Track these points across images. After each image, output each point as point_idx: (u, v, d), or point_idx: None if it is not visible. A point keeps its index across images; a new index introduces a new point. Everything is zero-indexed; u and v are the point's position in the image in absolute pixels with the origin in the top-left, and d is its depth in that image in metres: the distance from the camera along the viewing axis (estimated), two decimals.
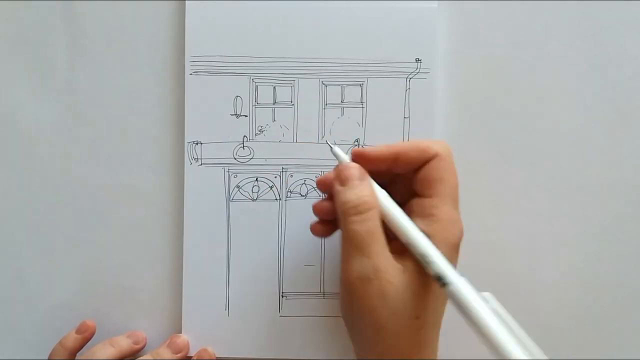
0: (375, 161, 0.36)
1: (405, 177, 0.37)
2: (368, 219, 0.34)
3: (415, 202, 0.36)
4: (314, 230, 0.38)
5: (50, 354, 0.42)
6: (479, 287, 0.43)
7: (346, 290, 0.34)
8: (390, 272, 0.33)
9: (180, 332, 0.43)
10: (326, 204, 0.37)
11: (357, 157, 0.36)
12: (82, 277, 0.44)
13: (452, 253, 0.35)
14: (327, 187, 0.37)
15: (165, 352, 0.42)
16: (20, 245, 0.44)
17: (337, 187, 0.35)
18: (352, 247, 0.34)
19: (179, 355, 0.42)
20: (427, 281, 0.33)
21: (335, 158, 0.37)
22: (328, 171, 0.40)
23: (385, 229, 0.34)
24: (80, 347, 0.42)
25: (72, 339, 0.42)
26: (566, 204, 0.43)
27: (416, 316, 0.33)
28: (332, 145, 0.37)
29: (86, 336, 0.43)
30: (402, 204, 0.36)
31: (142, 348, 0.43)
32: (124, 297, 0.44)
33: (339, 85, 0.43)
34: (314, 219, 0.40)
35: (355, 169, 0.35)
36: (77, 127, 0.44)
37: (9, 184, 0.44)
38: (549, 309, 0.43)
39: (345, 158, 0.37)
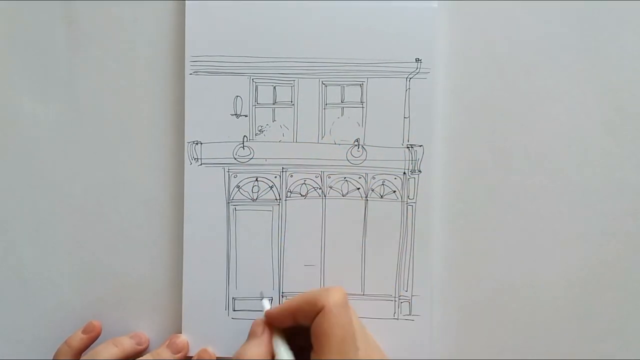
0: (277, 321, 0.39)
1: None
2: None
3: (311, 355, 0.37)
4: None
5: (56, 354, 0.42)
6: (479, 287, 0.44)
7: None
8: None
9: (180, 332, 0.43)
10: None
11: (267, 318, 0.39)
12: (82, 277, 0.44)
13: None
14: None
15: (165, 352, 0.42)
16: (20, 245, 0.44)
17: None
18: None
19: (178, 355, 0.42)
20: None
21: None
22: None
23: None
24: (86, 347, 0.42)
25: (78, 338, 0.42)
26: (566, 204, 0.43)
27: None
28: (262, 299, 0.41)
29: (92, 336, 0.43)
30: None
31: (145, 349, 0.43)
32: (124, 297, 0.44)
33: (339, 85, 0.43)
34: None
35: (257, 326, 0.39)
36: (77, 127, 0.44)
37: (9, 184, 0.44)
38: (549, 309, 0.43)
39: (266, 308, 0.40)
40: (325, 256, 0.43)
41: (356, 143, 0.43)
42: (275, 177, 0.43)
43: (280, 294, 0.43)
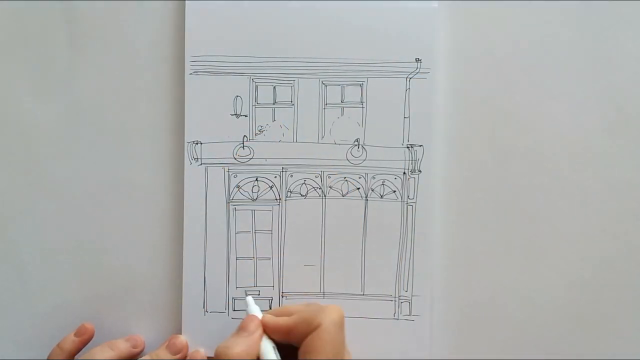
0: (271, 332, 0.38)
1: None
2: None
3: None
4: None
5: (49, 356, 0.42)
6: (479, 287, 0.44)
7: None
8: None
9: (180, 333, 0.43)
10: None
11: (262, 322, 0.38)
12: (82, 277, 0.44)
13: None
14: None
15: (164, 353, 0.42)
16: (20, 245, 0.44)
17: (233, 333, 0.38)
18: None
19: (177, 355, 0.42)
20: None
21: None
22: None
23: None
24: (78, 349, 0.43)
25: (71, 341, 0.42)
26: (566, 204, 0.43)
27: None
28: (246, 296, 0.40)
29: (84, 339, 0.43)
30: None
31: (141, 352, 0.43)
32: (124, 297, 0.44)
33: (339, 85, 0.43)
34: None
35: (251, 323, 0.38)
36: (77, 127, 0.44)
37: (9, 184, 0.44)
38: (549, 309, 0.43)
39: (253, 310, 0.39)
40: (325, 256, 0.43)
41: (356, 143, 0.43)
42: (275, 177, 0.43)
43: (280, 294, 0.43)
